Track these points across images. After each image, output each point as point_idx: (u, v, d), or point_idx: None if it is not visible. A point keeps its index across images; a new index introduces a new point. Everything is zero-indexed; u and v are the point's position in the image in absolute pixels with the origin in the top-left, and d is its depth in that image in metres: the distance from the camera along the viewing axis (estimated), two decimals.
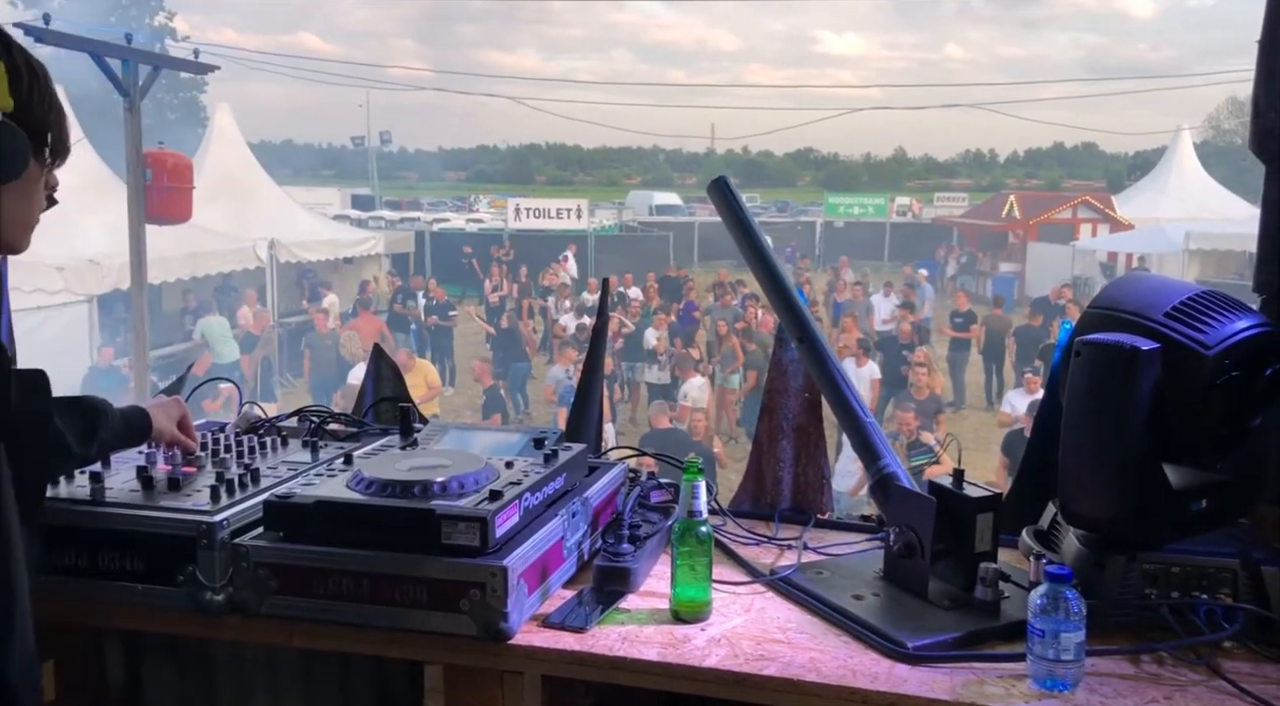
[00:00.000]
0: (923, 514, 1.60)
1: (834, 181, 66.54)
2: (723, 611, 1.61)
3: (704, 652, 1.47)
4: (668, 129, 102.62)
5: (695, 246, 28.91)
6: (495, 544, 1.50)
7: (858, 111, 34.25)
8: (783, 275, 1.96)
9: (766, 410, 2.08)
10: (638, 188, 50.64)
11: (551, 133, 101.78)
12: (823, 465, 2.04)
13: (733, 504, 2.06)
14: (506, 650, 1.48)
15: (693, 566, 1.59)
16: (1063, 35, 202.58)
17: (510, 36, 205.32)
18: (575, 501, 1.73)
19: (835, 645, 1.49)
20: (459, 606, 1.48)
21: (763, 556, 1.84)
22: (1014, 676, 1.38)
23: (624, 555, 1.70)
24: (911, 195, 41.56)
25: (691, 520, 1.58)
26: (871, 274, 21.60)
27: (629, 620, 1.58)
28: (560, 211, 26.13)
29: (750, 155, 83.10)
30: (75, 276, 10.76)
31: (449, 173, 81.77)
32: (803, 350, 1.88)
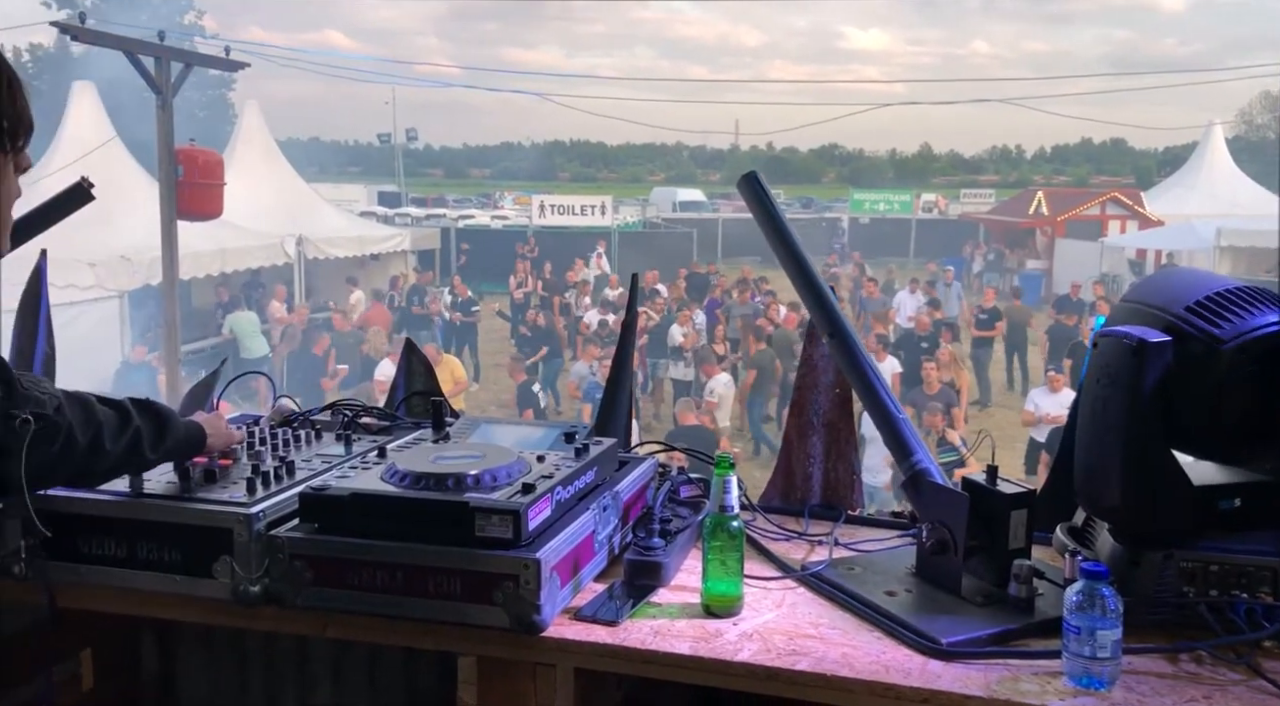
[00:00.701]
0: (956, 510, 1.59)
1: (859, 178, 66.17)
2: (754, 606, 1.61)
3: (736, 647, 1.47)
4: (691, 125, 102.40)
5: (719, 243, 28.85)
6: (528, 537, 1.51)
7: (886, 106, 34.04)
8: (813, 270, 1.95)
9: (796, 406, 2.07)
10: (661, 184, 50.59)
11: (575, 129, 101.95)
12: (853, 461, 2.03)
13: (762, 499, 2.05)
14: (539, 642, 1.49)
15: (724, 561, 1.59)
16: (1089, 30, 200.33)
17: (533, 33, 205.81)
18: (606, 495, 1.74)
19: (868, 640, 1.49)
20: (492, 598, 1.48)
21: (793, 552, 1.84)
22: (1049, 673, 1.37)
23: (655, 549, 1.70)
24: (937, 191, 41.27)
25: (723, 515, 1.58)
26: (897, 270, 21.47)
27: (660, 614, 1.58)
28: (585, 208, 26.16)
29: (774, 151, 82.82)
30: (107, 272, 10.90)
31: (474, 169, 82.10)
32: (833, 345, 1.88)
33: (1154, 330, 1.49)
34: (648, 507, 1.83)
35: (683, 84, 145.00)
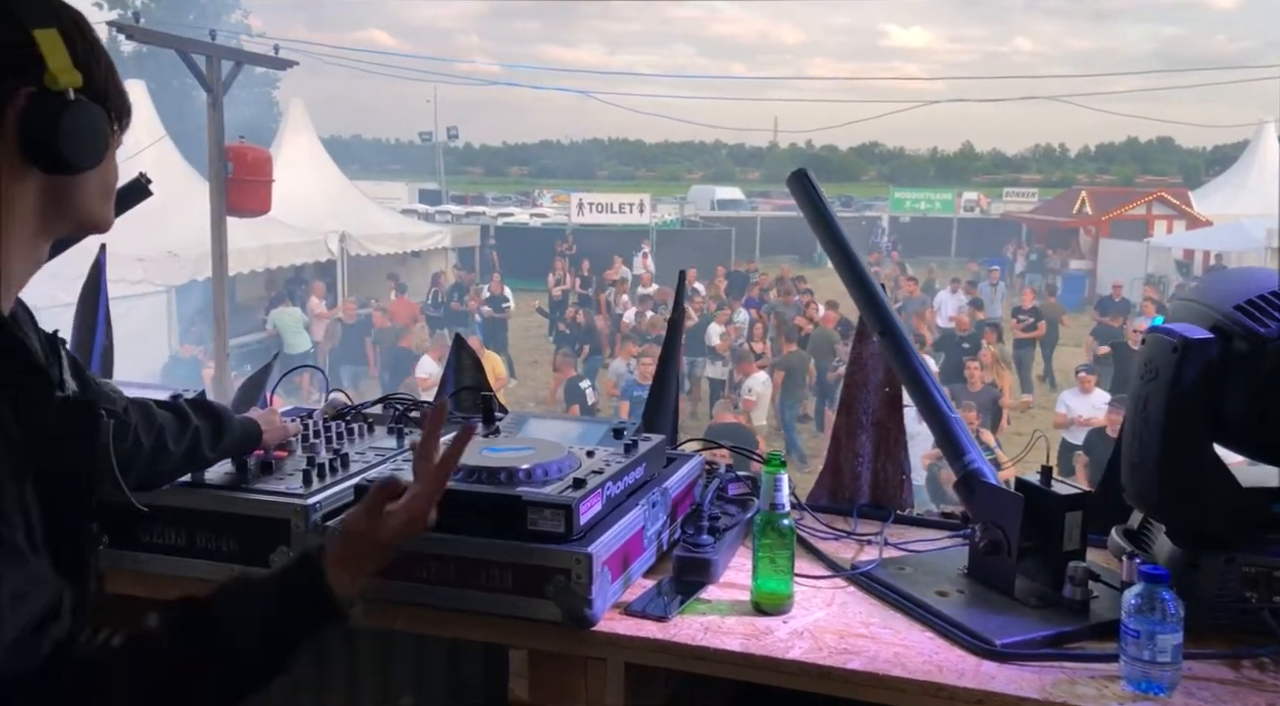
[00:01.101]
0: (1010, 511, 1.57)
1: (899, 176, 65.63)
2: (804, 604, 1.60)
3: (787, 645, 1.47)
4: (730, 123, 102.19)
5: (757, 241, 28.76)
6: (579, 531, 1.52)
7: (932, 104, 33.44)
8: (864, 268, 1.94)
9: (845, 405, 2.07)
10: (699, 182, 50.51)
11: (614, 127, 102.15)
12: (902, 461, 2.02)
13: (810, 498, 2.05)
14: (590, 636, 1.50)
15: (773, 559, 1.59)
16: (1137, 27, 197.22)
17: (572, 32, 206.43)
18: (655, 491, 1.74)
19: (920, 640, 1.48)
20: (544, 592, 1.49)
21: (842, 551, 1.83)
22: (1106, 677, 1.35)
23: (704, 546, 1.70)
24: (979, 190, 40.79)
25: (774, 513, 1.58)
26: (938, 270, 21.28)
27: (710, 610, 1.58)
28: (623, 206, 26.19)
29: (814, 149, 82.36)
30: (155, 267, 11.10)
31: (513, 167, 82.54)
32: (884, 344, 1.87)
33: (1199, 328, 1.49)
34: (696, 504, 1.83)
35: (722, 82, 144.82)
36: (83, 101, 1.03)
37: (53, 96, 1.00)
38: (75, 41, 1.03)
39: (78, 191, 1.07)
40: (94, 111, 1.04)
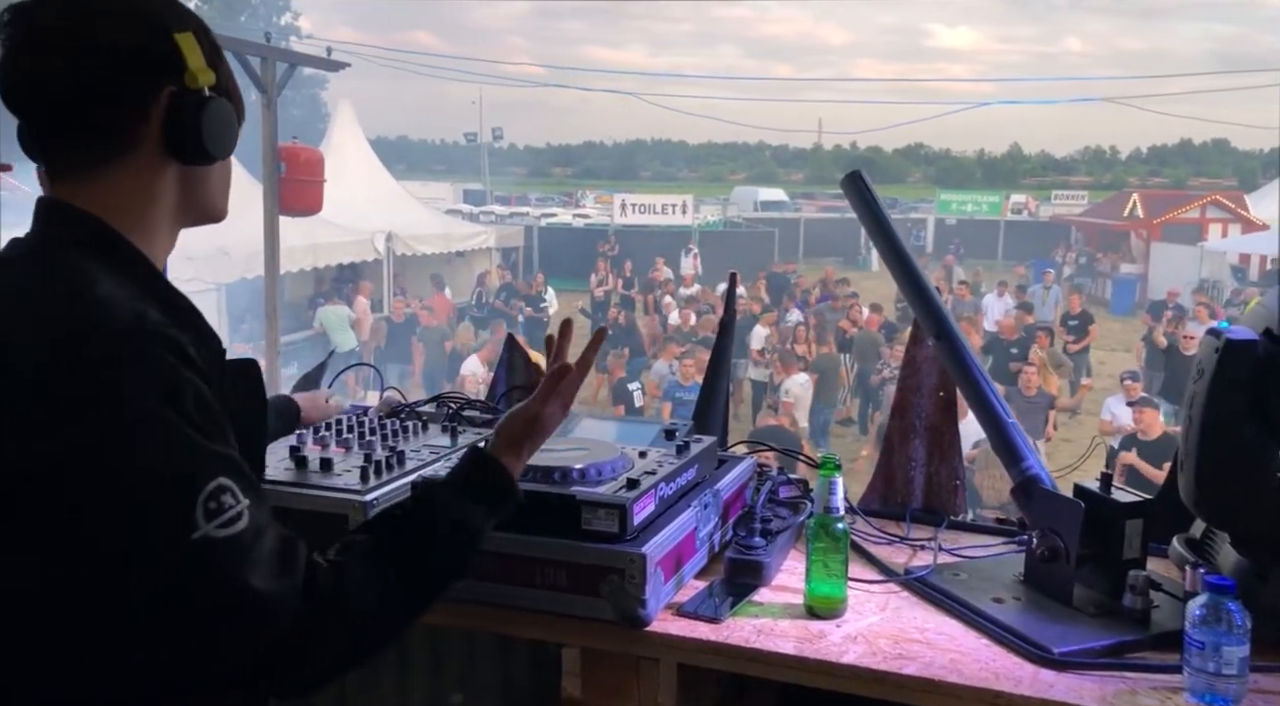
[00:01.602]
0: (1069, 518, 1.55)
1: (945, 178, 64.93)
2: (857, 609, 1.60)
3: (841, 649, 1.46)
4: (774, 124, 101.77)
5: (800, 243, 28.60)
6: (632, 531, 1.53)
7: (984, 106, 32.82)
8: (919, 271, 1.93)
9: (898, 408, 2.05)
10: (742, 183, 50.36)
11: (657, 128, 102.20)
12: (957, 466, 2.00)
13: (862, 502, 2.04)
14: (643, 636, 1.50)
15: (826, 563, 1.58)
16: (1191, 26, 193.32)
17: (617, 33, 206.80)
18: (707, 493, 1.74)
19: (976, 647, 1.47)
20: (598, 591, 1.50)
21: (895, 556, 1.82)
22: (1169, 688, 1.33)
23: (756, 548, 1.70)
24: (1027, 192, 40.26)
25: (828, 516, 1.58)
26: (984, 273, 21.01)
27: (763, 613, 1.58)
28: (666, 207, 26.20)
29: (858, 151, 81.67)
30: (206, 265, 11.28)
31: (556, 168, 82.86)
32: (940, 347, 1.85)
33: (1250, 329, 1.47)
34: (749, 506, 1.83)
35: (766, 83, 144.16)
36: (217, 97, 1.11)
37: (192, 93, 1.08)
38: (204, 43, 1.11)
39: (206, 183, 1.16)
40: (226, 107, 1.12)
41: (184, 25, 1.08)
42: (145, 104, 1.06)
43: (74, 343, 0.94)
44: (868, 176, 2.04)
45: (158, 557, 0.93)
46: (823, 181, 63.70)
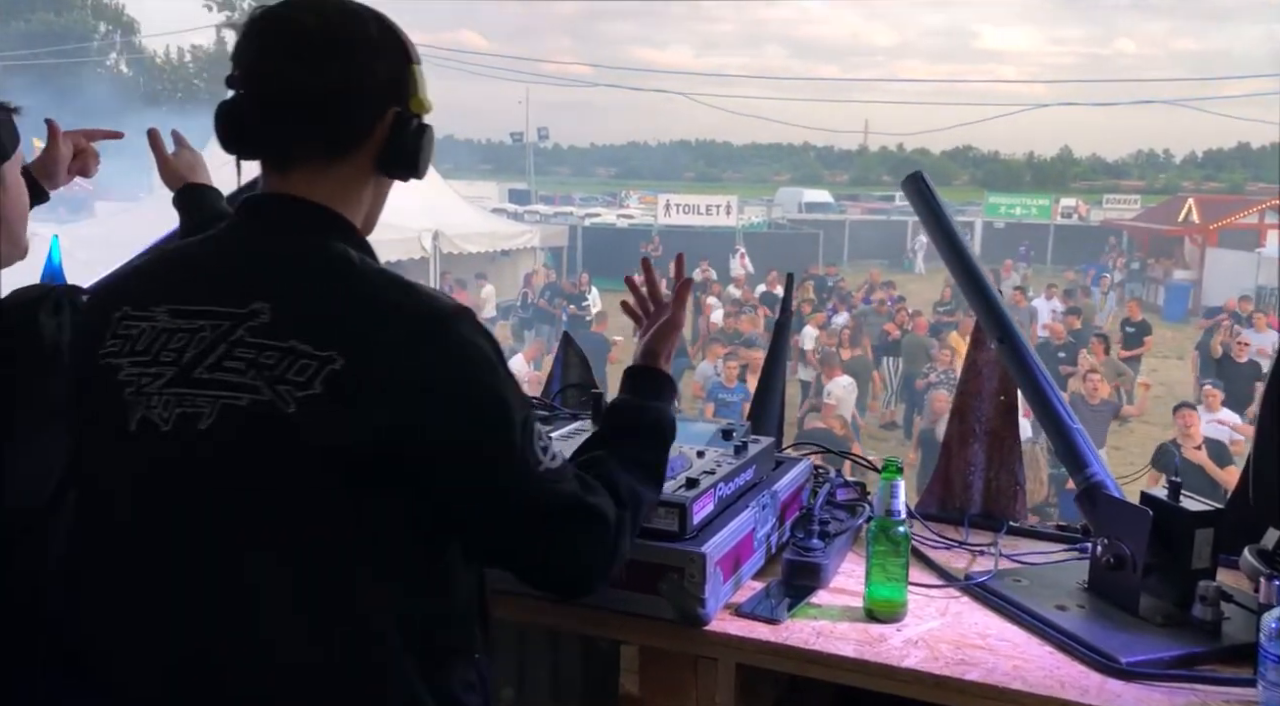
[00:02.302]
0: (1136, 526, 1.53)
1: (993, 181, 64.03)
2: (917, 613, 1.58)
3: (901, 653, 1.45)
4: (819, 125, 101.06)
5: (845, 245, 28.41)
6: (692, 530, 1.53)
7: (1041, 107, 32.00)
8: (982, 273, 1.91)
9: (958, 412, 2.03)
10: (787, 184, 50.12)
11: (701, 129, 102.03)
12: (1017, 471, 1.98)
13: (919, 506, 2.02)
14: (702, 635, 1.50)
15: (885, 566, 1.57)
16: (1253, 27, 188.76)
17: (663, 33, 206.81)
18: (765, 494, 1.74)
19: (1039, 654, 1.45)
20: (657, 589, 1.50)
21: (954, 561, 1.80)
22: (1241, 702, 1.31)
23: (814, 550, 1.70)
24: (1078, 196, 39.63)
25: (889, 519, 1.57)
26: (1033, 277, 20.72)
27: (821, 615, 1.57)
28: (710, 208, 26.14)
29: (904, 153, 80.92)
30: None
31: (600, 168, 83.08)
32: (1003, 351, 1.83)
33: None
34: (807, 508, 1.82)
35: (811, 83, 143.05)
36: (428, 124, 1.23)
37: (411, 117, 1.19)
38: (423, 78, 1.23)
39: (381, 199, 1.26)
40: (432, 133, 1.24)
41: (416, 59, 1.21)
42: (377, 118, 1.17)
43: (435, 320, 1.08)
44: (928, 177, 2.03)
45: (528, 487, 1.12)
46: (868, 183, 63.20)
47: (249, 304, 1.08)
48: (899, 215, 32.30)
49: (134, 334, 1.11)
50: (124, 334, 1.12)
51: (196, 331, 1.08)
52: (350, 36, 1.14)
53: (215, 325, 1.08)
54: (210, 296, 1.10)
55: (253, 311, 1.07)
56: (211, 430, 1.04)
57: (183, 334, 1.09)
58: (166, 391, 1.07)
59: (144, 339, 1.10)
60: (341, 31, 1.14)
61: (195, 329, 1.09)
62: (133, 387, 1.08)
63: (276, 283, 1.10)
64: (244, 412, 1.04)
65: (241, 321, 1.07)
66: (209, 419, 1.05)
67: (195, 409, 1.05)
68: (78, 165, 1.84)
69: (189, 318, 1.10)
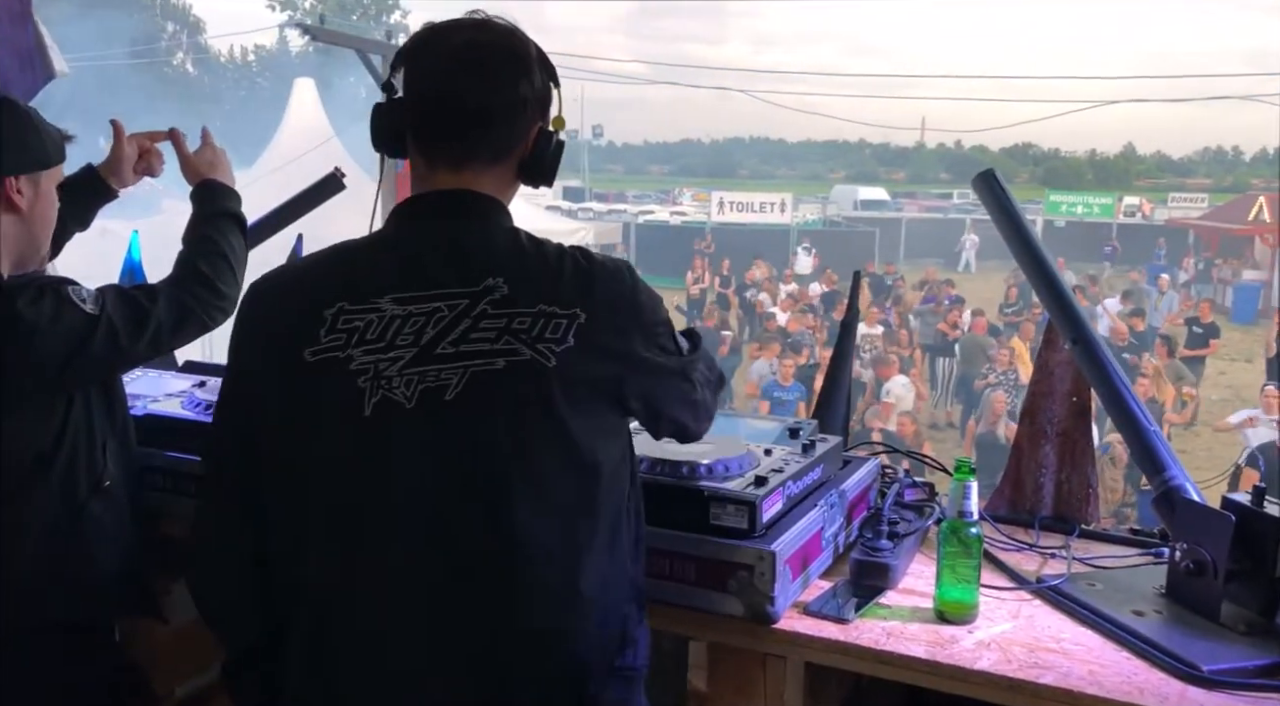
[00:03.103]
0: (1217, 531, 1.50)
1: (1054, 179, 62.66)
2: (988, 615, 1.57)
3: (974, 655, 1.44)
4: (875, 121, 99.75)
5: (902, 243, 28.07)
6: (761, 528, 1.53)
7: (1111, 103, 30.88)
8: (1056, 272, 1.88)
9: (1028, 413, 2.01)
10: (842, 182, 49.65)
11: (755, 126, 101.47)
12: (1089, 473, 1.95)
13: (988, 508, 2.00)
14: (770, 633, 1.50)
15: (955, 567, 1.56)
16: None
17: (719, 30, 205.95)
18: (833, 493, 1.74)
19: (1116, 660, 1.43)
20: (726, 586, 1.51)
21: (1024, 563, 1.78)
22: None
23: (883, 551, 1.69)
24: (1142, 195, 38.71)
25: (961, 520, 1.55)
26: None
27: (891, 616, 1.56)
28: (764, 205, 26.01)
29: (963, 150, 79.68)
30: None
31: (652, 166, 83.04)
32: (1077, 352, 1.80)
33: None
34: (874, 508, 1.81)
35: (867, 79, 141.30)
36: (563, 139, 1.34)
37: (550, 133, 1.33)
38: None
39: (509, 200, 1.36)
40: (562, 148, 1.35)
41: (558, 82, 1.35)
42: (529, 131, 1.31)
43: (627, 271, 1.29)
44: (1000, 176, 2.01)
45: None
46: (925, 181, 62.36)
47: (482, 281, 1.21)
48: (956, 213, 31.84)
49: (359, 326, 1.20)
50: (346, 328, 1.21)
51: (433, 313, 1.20)
52: (521, 57, 1.29)
53: (452, 304, 1.20)
54: (436, 280, 1.22)
55: (488, 287, 1.20)
56: (459, 398, 1.18)
57: (417, 318, 1.20)
58: (407, 371, 1.18)
59: (374, 328, 1.20)
60: (514, 52, 1.29)
61: (431, 311, 1.20)
62: (368, 374, 1.19)
63: (500, 259, 1.23)
64: (498, 375, 1.18)
65: (480, 297, 1.20)
66: (455, 388, 1.18)
67: (440, 382, 1.18)
68: (143, 165, 1.94)
69: (420, 302, 1.21)
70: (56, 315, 1.41)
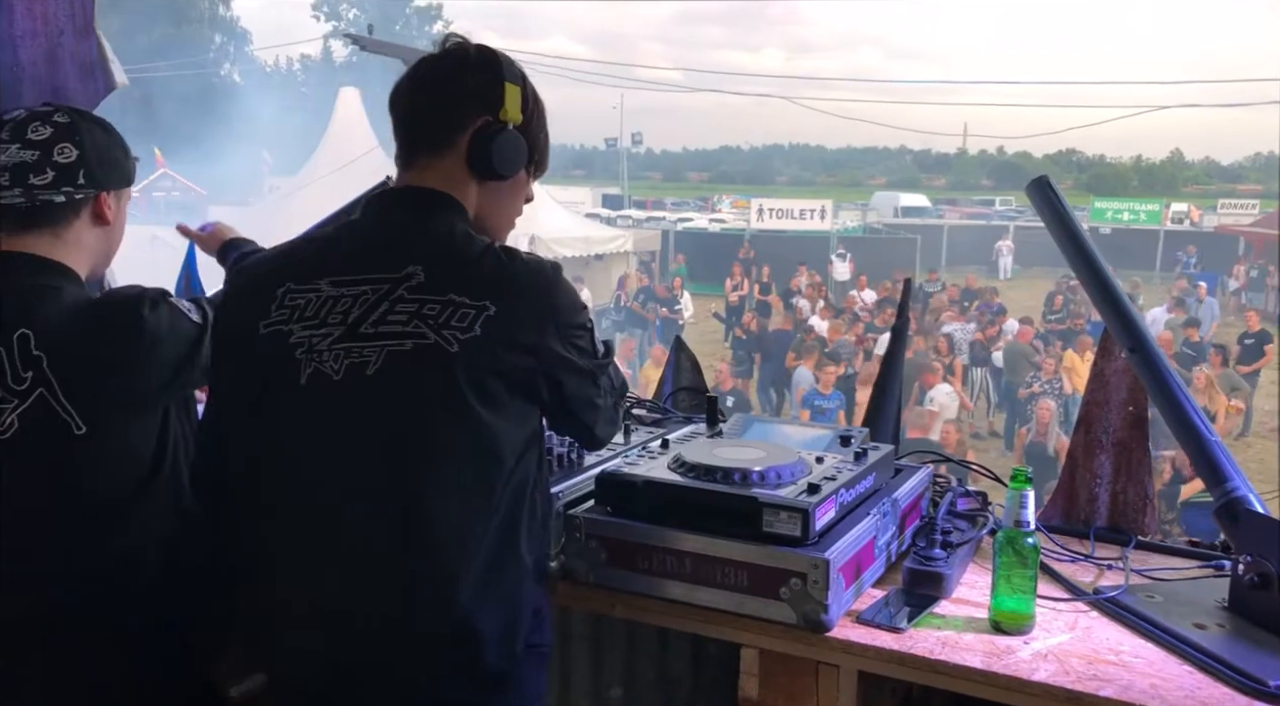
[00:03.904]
0: None
1: (1099, 185, 61.74)
2: (1045, 626, 1.55)
3: (1031, 666, 1.43)
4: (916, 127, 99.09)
5: (944, 250, 27.80)
6: (814, 536, 1.53)
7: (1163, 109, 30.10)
8: (1112, 280, 1.86)
9: (1083, 423, 1.98)
10: (883, 189, 49.32)
11: (794, 133, 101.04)
12: (1146, 484, 1.92)
13: (1040, 517, 1.97)
14: (823, 641, 1.50)
15: (1010, 577, 1.54)
16: None
17: (757, 36, 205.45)
18: (885, 501, 1.72)
19: (1177, 673, 1.40)
20: (779, 594, 1.51)
21: (1079, 574, 1.76)
22: None
23: (936, 560, 1.67)
24: (1189, 201, 38.00)
25: (1018, 530, 1.53)
26: (1142, 285, 19.93)
27: (945, 625, 1.55)
28: (804, 212, 25.87)
29: (1005, 156, 78.74)
30: None
31: (691, 173, 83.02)
32: (1135, 360, 1.78)
33: None
34: (927, 517, 1.80)
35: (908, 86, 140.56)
36: (512, 131, 1.42)
37: (492, 123, 1.41)
38: (528, 102, 1.45)
39: (495, 201, 1.46)
40: (519, 141, 1.44)
41: (515, 80, 1.44)
42: (467, 123, 1.41)
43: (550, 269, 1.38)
44: (1054, 182, 1.99)
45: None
46: (966, 187, 61.72)
47: (404, 268, 1.31)
48: (999, 220, 31.48)
49: (300, 304, 1.34)
50: (290, 305, 1.34)
51: (359, 295, 1.32)
52: (459, 61, 1.43)
53: (376, 288, 1.31)
54: (367, 265, 1.33)
55: (407, 274, 1.31)
56: (378, 373, 1.28)
57: (346, 299, 1.32)
58: (336, 347, 1.30)
59: (311, 307, 1.33)
60: (452, 57, 1.44)
61: (358, 294, 1.32)
62: (304, 348, 1.31)
63: (423, 249, 1.34)
64: (407, 355, 1.28)
65: (399, 283, 1.31)
66: (375, 365, 1.29)
67: (362, 358, 1.29)
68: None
69: (350, 285, 1.33)
70: (173, 323, 1.43)
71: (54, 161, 1.48)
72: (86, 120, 1.55)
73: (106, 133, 1.56)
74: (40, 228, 1.48)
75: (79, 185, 1.49)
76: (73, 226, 1.50)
